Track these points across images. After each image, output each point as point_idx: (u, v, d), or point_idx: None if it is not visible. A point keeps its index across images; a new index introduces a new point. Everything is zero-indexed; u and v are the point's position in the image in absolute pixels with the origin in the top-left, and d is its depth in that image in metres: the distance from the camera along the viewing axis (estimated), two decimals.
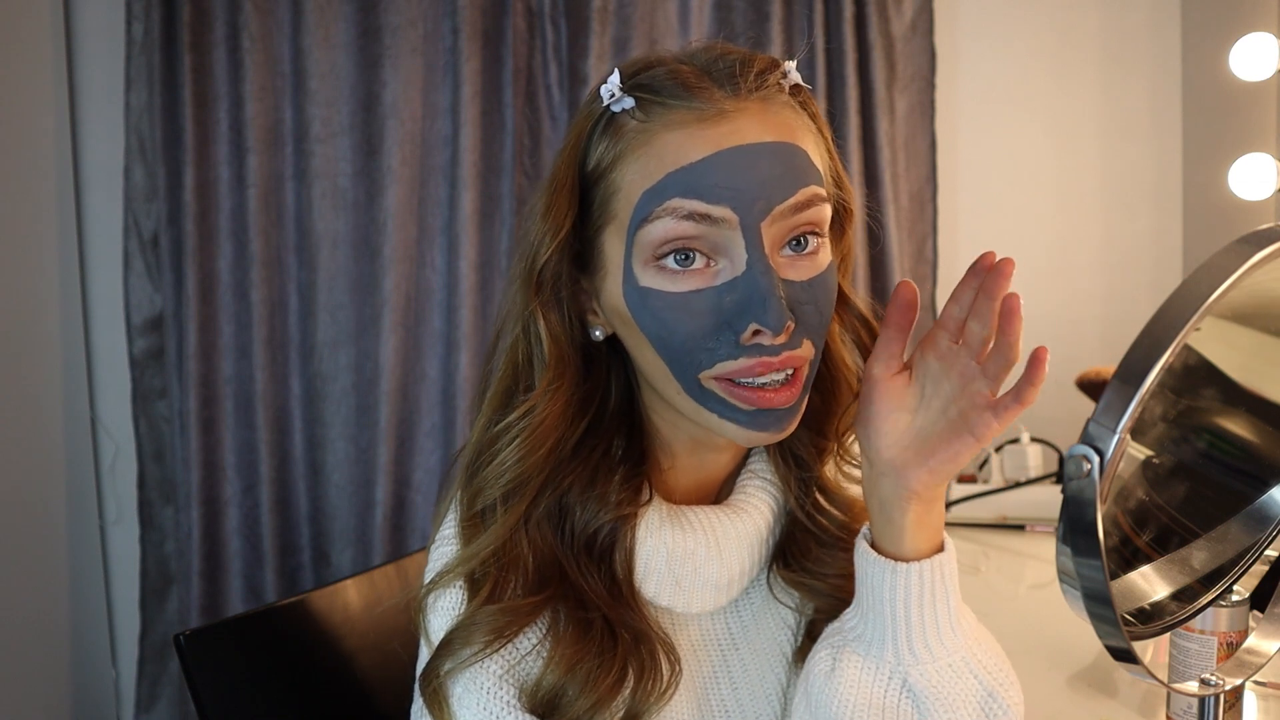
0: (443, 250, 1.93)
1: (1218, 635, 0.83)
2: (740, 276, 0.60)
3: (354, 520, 1.97)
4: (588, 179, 0.64)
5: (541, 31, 1.92)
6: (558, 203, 0.64)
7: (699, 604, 0.70)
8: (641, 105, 0.62)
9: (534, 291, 0.65)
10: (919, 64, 1.97)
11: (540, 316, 0.65)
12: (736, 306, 0.60)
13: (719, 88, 0.61)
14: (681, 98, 0.61)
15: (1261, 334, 0.57)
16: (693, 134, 0.60)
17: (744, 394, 0.61)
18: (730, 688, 0.73)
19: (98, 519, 2.04)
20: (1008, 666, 0.65)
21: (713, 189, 0.59)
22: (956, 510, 1.70)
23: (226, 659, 0.91)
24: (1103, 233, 2.07)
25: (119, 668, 2.08)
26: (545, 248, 0.64)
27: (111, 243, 1.97)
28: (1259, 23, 1.64)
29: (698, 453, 0.72)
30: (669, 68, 0.62)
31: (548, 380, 0.65)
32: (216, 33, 1.87)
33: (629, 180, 0.62)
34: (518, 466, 0.65)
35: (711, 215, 0.59)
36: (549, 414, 0.65)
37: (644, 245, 0.61)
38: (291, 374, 1.96)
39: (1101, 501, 0.45)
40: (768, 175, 0.60)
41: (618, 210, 0.62)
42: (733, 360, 0.61)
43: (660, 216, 0.60)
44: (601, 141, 0.63)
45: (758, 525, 0.71)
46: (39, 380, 1.90)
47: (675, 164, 0.60)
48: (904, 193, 1.98)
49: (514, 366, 0.68)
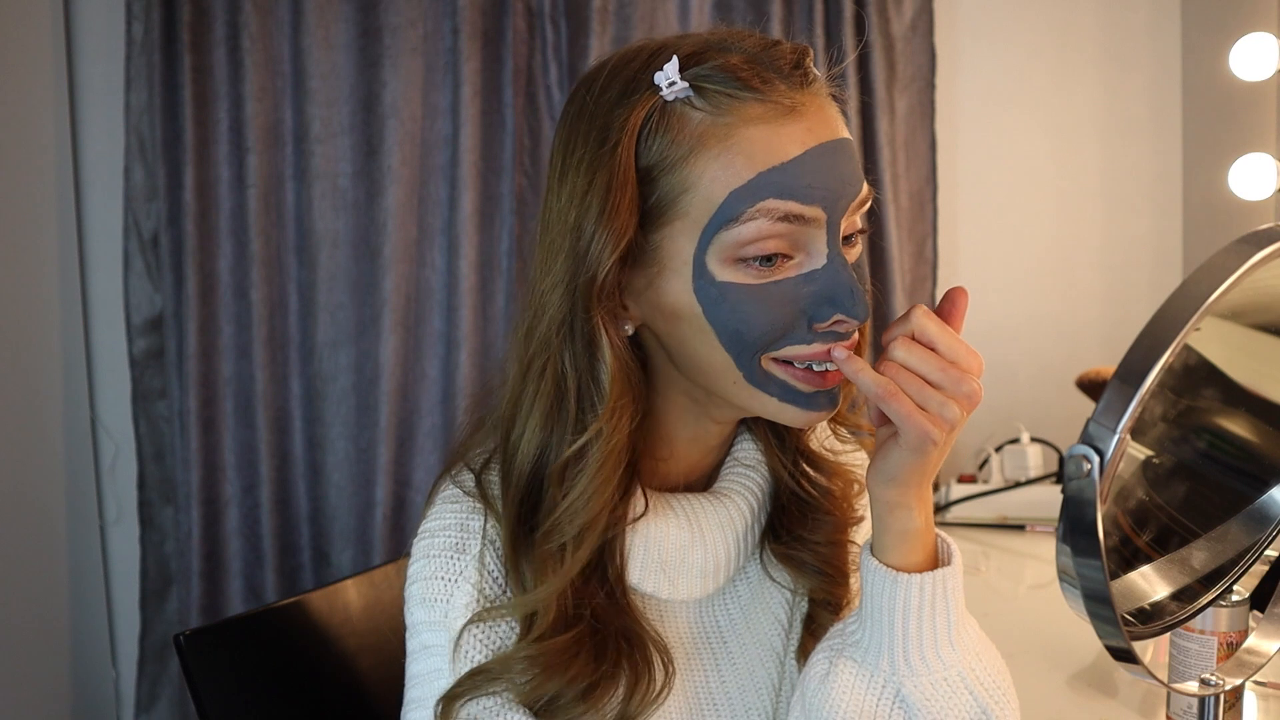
0: (443, 250, 1.93)
1: (1218, 635, 0.83)
2: (820, 269, 0.60)
3: (354, 520, 1.97)
4: (643, 175, 0.60)
5: (541, 31, 1.92)
6: (619, 207, 0.59)
7: (685, 591, 0.70)
8: (704, 95, 0.59)
9: (595, 303, 0.60)
10: (919, 64, 1.97)
11: (603, 331, 0.61)
12: (815, 297, 0.60)
13: (780, 79, 0.59)
14: (753, 90, 0.58)
15: (1262, 334, 0.57)
16: (777, 130, 0.58)
17: (808, 376, 0.62)
18: (719, 680, 0.73)
19: (98, 519, 2.04)
20: (1007, 684, 0.65)
21: (807, 189, 0.59)
22: (956, 510, 1.70)
23: (226, 659, 0.91)
24: (1103, 233, 2.07)
25: (119, 668, 2.08)
26: (607, 257, 0.59)
27: (111, 243, 1.97)
28: (1259, 23, 1.64)
29: (694, 445, 0.73)
30: (722, 59, 0.59)
31: (613, 403, 0.62)
32: (216, 33, 1.87)
33: (709, 178, 0.59)
34: (595, 500, 0.62)
35: (805, 215, 0.59)
36: (618, 438, 0.62)
37: (728, 244, 0.59)
38: (291, 374, 1.96)
39: (1101, 501, 0.45)
40: (846, 173, 0.61)
41: (690, 208, 0.60)
42: (805, 345, 0.61)
43: (753, 218, 0.58)
44: (660, 134, 0.60)
45: (741, 511, 0.72)
46: (39, 380, 1.90)
47: (766, 163, 0.58)
48: (904, 193, 1.98)
49: (559, 380, 0.63)
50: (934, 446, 0.58)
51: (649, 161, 0.60)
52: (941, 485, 1.79)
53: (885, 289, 1.94)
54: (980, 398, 0.59)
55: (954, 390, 0.58)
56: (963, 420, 0.59)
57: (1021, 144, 2.06)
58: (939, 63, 1.97)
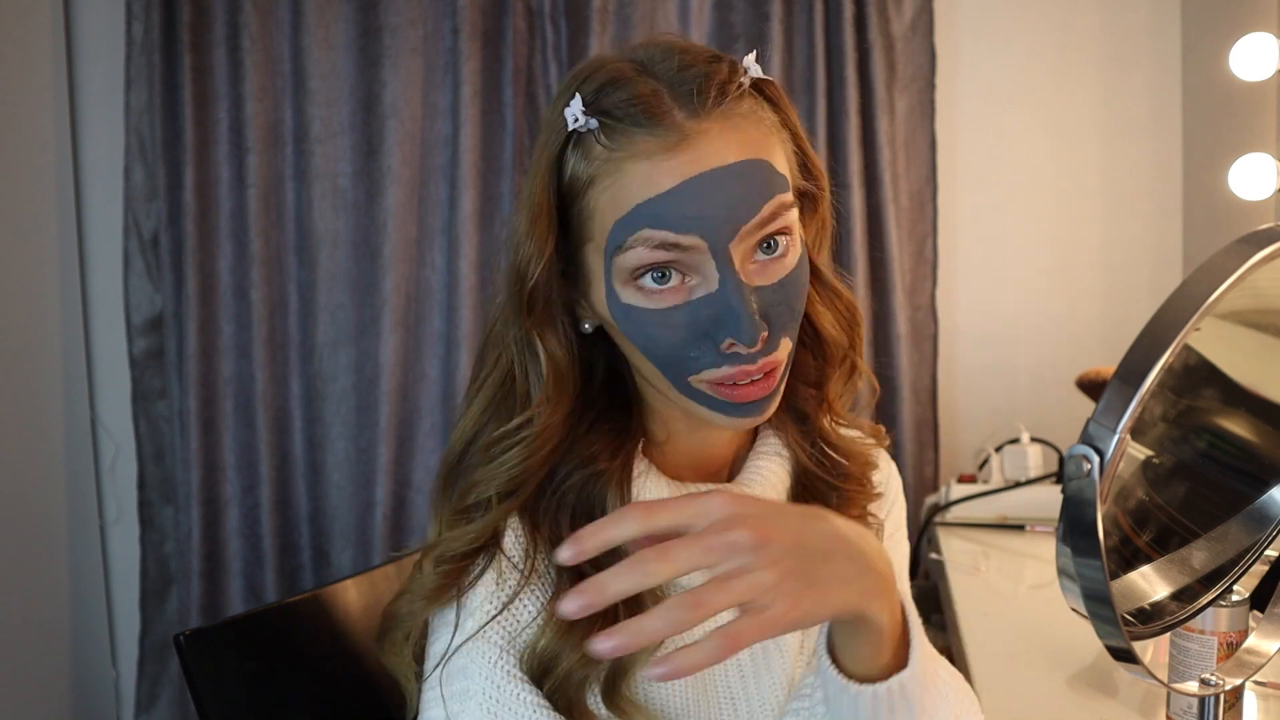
0: (443, 250, 1.93)
1: (1218, 635, 0.83)
2: (714, 294, 0.62)
3: (354, 520, 1.97)
4: (565, 196, 0.65)
5: (541, 31, 1.92)
6: (539, 226, 0.65)
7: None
8: (605, 130, 0.62)
9: (526, 312, 0.66)
10: (919, 64, 1.97)
11: (536, 337, 0.67)
12: (712, 320, 0.62)
13: (680, 108, 0.62)
14: (644, 125, 0.61)
15: (1261, 334, 0.57)
16: (658, 163, 0.61)
17: (727, 391, 0.65)
18: (738, 674, 0.74)
19: (98, 519, 2.04)
20: None
21: (680, 219, 0.61)
22: (956, 510, 1.70)
23: (226, 659, 0.91)
24: (1103, 233, 2.06)
25: (119, 668, 2.08)
26: (533, 269, 0.65)
27: (111, 243, 1.97)
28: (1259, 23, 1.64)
29: (697, 430, 0.73)
30: (631, 89, 0.62)
31: (546, 395, 0.66)
32: (216, 33, 1.87)
33: (601, 207, 0.63)
34: (517, 468, 0.66)
35: (681, 244, 0.61)
36: (549, 424, 0.67)
37: (621, 269, 0.63)
38: (291, 374, 1.96)
39: (1101, 501, 0.45)
40: (733, 198, 0.61)
41: (594, 233, 0.64)
42: (715, 369, 0.64)
43: (633, 246, 0.62)
44: (574, 159, 0.64)
45: (770, 499, 0.72)
46: (39, 380, 1.90)
47: (642, 195, 0.61)
48: (904, 193, 1.98)
49: (507, 377, 0.69)
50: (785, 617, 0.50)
51: (565, 184, 0.65)
52: (942, 485, 1.79)
53: (885, 289, 1.94)
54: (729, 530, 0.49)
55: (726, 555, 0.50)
56: None
57: (1021, 144, 2.05)
58: (939, 63, 1.97)
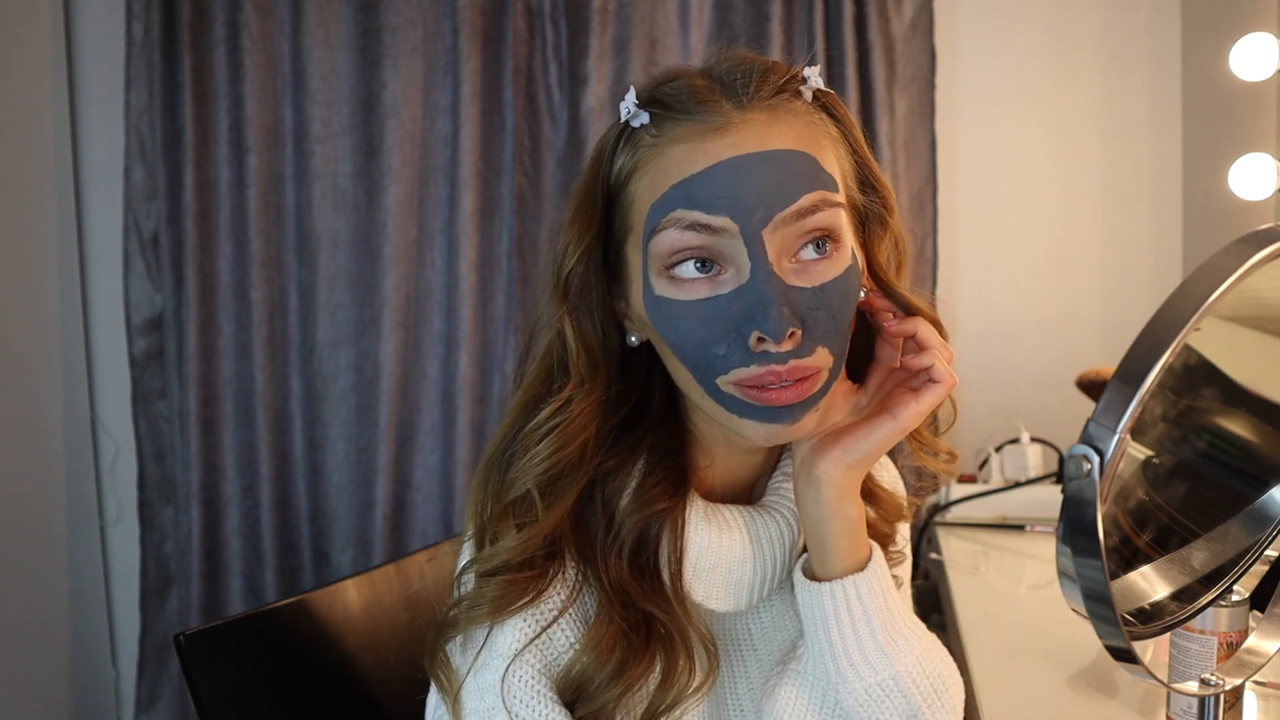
0: (443, 250, 1.93)
1: (1218, 635, 0.83)
2: (745, 285, 0.61)
3: (354, 520, 1.97)
4: (611, 192, 0.67)
5: (541, 31, 1.92)
6: (581, 213, 0.66)
7: (733, 603, 0.71)
8: (654, 120, 0.64)
9: (561, 298, 0.67)
10: (919, 64, 1.97)
11: (569, 324, 0.67)
12: (742, 314, 0.61)
13: (728, 99, 0.62)
14: (689, 111, 0.62)
15: (1262, 334, 0.57)
16: (696, 146, 0.62)
17: (755, 394, 0.62)
18: (747, 688, 0.74)
19: (98, 519, 2.04)
20: (945, 685, 0.66)
21: (711, 199, 0.60)
22: (956, 510, 1.70)
23: (226, 659, 0.91)
24: (1103, 233, 2.06)
25: (119, 668, 2.08)
26: (570, 256, 0.66)
27: (111, 243, 1.97)
28: (1259, 23, 1.64)
29: (735, 453, 0.73)
30: (685, 81, 0.64)
31: (576, 382, 0.67)
32: (216, 33, 1.87)
33: (641, 193, 0.64)
34: (550, 460, 0.66)
35: (712, 225, 0.60)
36: (580, 411, 0.66)
37: (656, 256, 0.63)
38: (291, 374, 1.96)
39: (1101, 501, 0.45)
40: (766, 183, 0.60)
41: (634, 222, 0.65)
42: (745, 368, 0.62)
43: (666, 228, 0.62)
44: (620, 155, 0.66)
45: (791, 524, 0.72)
46: (39, 380, 1.90)
47: (678, 176, 0.61)
48: (904, 193, 1.98)
49: (547, 370, 0.69)
50: (941, 403, 0.67)
51: (612, 180, 0.67)
52: (942, 485, 1.79)
53: None
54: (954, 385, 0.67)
55: (949, 370, 0.66)
56: None
57: (1021, 144, 2.05)
58: (939, 63, 1.97)
